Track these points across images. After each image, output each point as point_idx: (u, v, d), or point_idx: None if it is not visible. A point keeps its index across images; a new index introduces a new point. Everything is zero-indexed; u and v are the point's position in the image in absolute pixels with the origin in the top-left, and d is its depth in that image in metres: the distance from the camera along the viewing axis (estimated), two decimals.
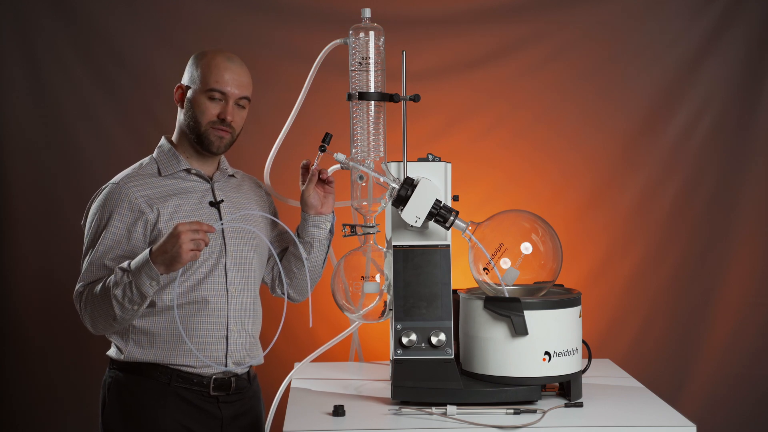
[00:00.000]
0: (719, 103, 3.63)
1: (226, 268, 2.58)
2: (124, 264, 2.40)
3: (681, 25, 3.63)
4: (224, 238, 2.59)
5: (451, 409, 2.40)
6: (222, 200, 2.63)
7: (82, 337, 3.63)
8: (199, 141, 2.60)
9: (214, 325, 2.56)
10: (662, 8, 3.63)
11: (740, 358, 3.66)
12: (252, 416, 2.68)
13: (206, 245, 2.35)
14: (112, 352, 2.60)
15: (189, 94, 2.59)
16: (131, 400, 2.55)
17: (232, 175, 2.73)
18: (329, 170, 2.83)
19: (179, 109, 2.64)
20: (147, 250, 2.38)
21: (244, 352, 2.62)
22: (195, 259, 2.37)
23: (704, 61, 3.62)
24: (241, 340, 2.60)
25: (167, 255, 2.33)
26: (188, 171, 2.62)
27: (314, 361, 2.94)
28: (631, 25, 3.63)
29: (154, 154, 2.65)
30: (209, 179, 2.64)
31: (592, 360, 2.71)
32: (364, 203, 2.61)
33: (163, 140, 2.67)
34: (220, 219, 2.59)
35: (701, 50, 3.62)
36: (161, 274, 2.35)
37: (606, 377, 2.83)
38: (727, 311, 3.66)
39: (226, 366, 2.57)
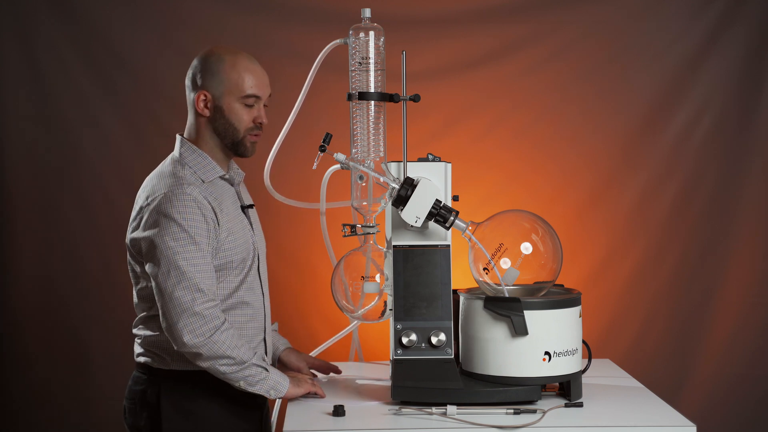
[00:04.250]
0: (719, 103, 3.63)
1: (259, 270, 2.57)
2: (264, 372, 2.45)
3: (681, 25, 3.63)
4: (254, 241, 2.57)
5: (451, 409, 2.40)
6: (252, 204, 2.61)
7: (80, 338, 3.64)
8: (234, 147, 2.52)
9: (257, 329, 2.56)
10: (662, 8, 3.64)
11: (740, 358, 3.66)
12: (266, 406, 2.70)
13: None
14: (149, 361, 2.49)
15: (220, 102, 2.47)
16: (189, 406, 2.47)
17: None
18: (329, 170, 2.83)
19: (198, 115, 2.50)
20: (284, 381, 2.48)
21: (272, 349, 2.65)
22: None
23: (704, 61, 3.62)
24: (269, 340, 2.62)
25: (291, 388, 2.49)
26: (222, 177, 2.53)
27: None
28: (631, 25, 3.63)
29: (187, 161, 2.48)
30: (233, 182, 2.58)
31: (592, 360, 2.71)
32: (364, 203, 2.61)
33: (187, 143, 2.50)
34: (250, 223, 2.57)
35: (701, 50, 3.62)
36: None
37: (606, 377, 2.83)
38: (727, 311, 3.66)
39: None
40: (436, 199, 2.53)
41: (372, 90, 2.58)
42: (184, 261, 2.36)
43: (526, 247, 2.54)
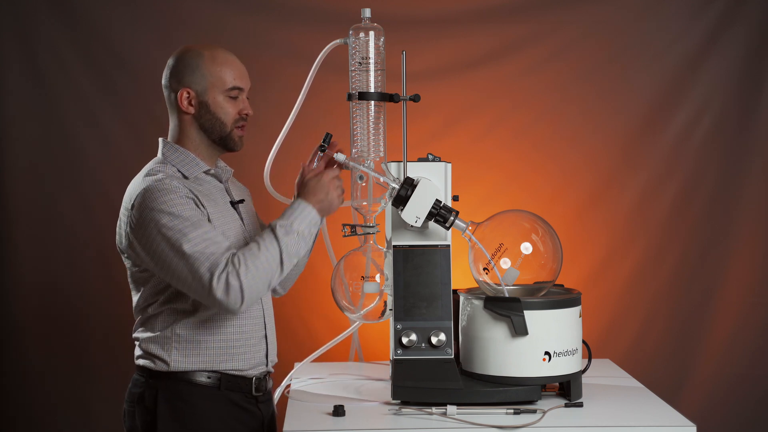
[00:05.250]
0: (719, 103, 3.63)
1: None
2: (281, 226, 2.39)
3: (681, 24, 3.63)
4: (246, 236, 2.54)
5: (451, 409, 2.40)
6: (243, 200, 2.60)
7: (80, 340, 3.64)
8: (222, 142, 2.51)
9: (255, 326, 2.52)
10: (662, 8, 3.64)
11: (740, 358, 3.66)
12: (273, 411, 2.67)
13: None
14: (148, 363, 2.46)
15: (205, 97, 2.47)
16: (185, 409, 2.44)
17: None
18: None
19: (182, 113, 2.50)
20: (300, 204, 2.44)
21: (275, 350, 2.63)
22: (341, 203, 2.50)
23: (704, 61, 3.62)
24: (272, 338, 2.60)
25: (323, 203, 2.45)
26: (206, 172, 2.53)
27: (314, 361, 2.94)
28: (631, 25, 3.63)
29: (169, 159, 2.48)
30: (221, 178, 2.57)
31: (592, 360, 2.71)
32: (364, 203, 2.61)
33: (169, 144, 2.51)
34: (240, 219, 2.55)
35: (701, 50, 3.62)
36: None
37: (606, 377, 2.83)
38: (727, 311, 3.66)
39: (266, 365, 2.56)
40: (436, 199, 2.53)
41: (372, 90, 2.58)
42: (179, 231, 2.33)
43: (526, 247, 2.54)
